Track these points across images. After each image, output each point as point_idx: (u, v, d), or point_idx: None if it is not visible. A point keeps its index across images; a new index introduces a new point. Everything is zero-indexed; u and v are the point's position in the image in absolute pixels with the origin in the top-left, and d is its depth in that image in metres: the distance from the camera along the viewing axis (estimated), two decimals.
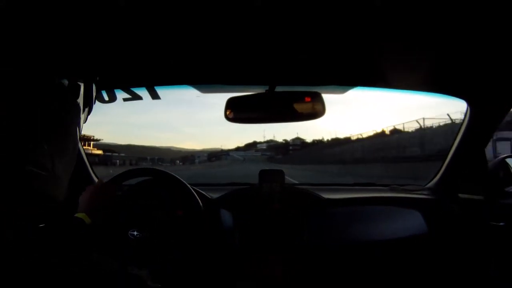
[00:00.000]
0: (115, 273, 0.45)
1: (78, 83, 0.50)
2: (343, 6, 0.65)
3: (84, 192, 0.89)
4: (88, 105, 0.53)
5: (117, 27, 0.72)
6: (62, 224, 0.45)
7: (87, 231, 0.75)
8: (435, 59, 0.93)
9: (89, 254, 0.44)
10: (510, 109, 1.14)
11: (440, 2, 0.63)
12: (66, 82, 0.47)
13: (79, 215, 0.78)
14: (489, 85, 1.07)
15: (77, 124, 0.49)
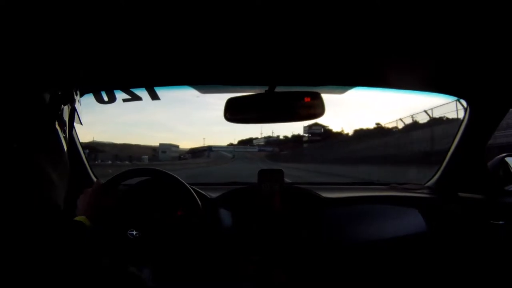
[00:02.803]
0: (117, 273, 0.45)
1: (67, 88, 0.50)
2: (343, 6, 0.65)
3: (82, 195, 0.88)
4: (73, 105, 0.53)
5: (117, 28, 0.72)
6: (62, 228, 0.45)
7: (88, 234, 0.75)
8: (435, 59, 0.92)
9: (91, 257, 0.44)
10: (510, 109, 1.14)
11: (440, 3, 0.63)
12: (55, 84, 0.47)
13: (78, 218, 0.78)
14: (489, 85, 1.07)
15: (64, 124, 0.49)
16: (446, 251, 1.22)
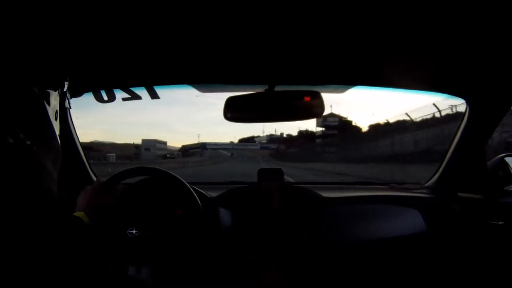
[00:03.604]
0: (115, 272, 0.45)
1: (56, 83, 0.50)
2: (343, 5, 0.65)
3: (82, 191, 0.89)
4: (63, 89, 0.53)
5: (117, 27, 0.72)
6: (60, 223, 0.45)
7: (86, 231, 0.75)
8: (435, 58, 0.92)
9: (94, 256, 0.44)
10: (510, 108, 1.14)
11: (440, 3, 0.63)
12: (44, 80, 0.47)
13: (77, 214, 0.78)
14: (489, 85, 1.07)
15: (55, 108, 0.49)
16: (445, 251, 1.22)
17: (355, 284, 1.19)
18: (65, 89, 0.53)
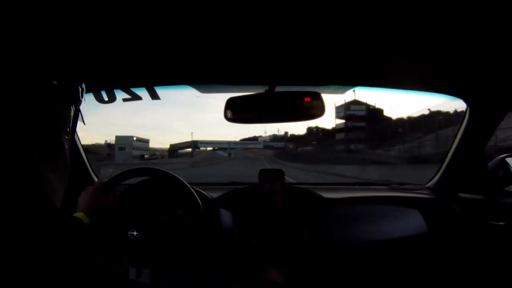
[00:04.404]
0: (119, 276, 0.45)
1: (67, 85, 0.49)
2: (343, 5, 0.65)
3: (84, 192, 0.89)
4: (78, 107, 0.53)
5: (117, 27, 0.72)
6: (60, 224, 0.45)
7: (86, 231, 0.75)
8: (435, 59, 0.92)
9: (93, 256, 0.44)
10: (510, 109, 1.14)
11: (440, 3, 0.63)
12: (54, 84, 0.47)
13: (77, 215, 0.78)
14: (489, 86, 1.07)
15: (67, 125, 0.49)
16: (446, 252, 1.22)
17: (355, 284, 1.19)
18: (80, 106, 0.53)
